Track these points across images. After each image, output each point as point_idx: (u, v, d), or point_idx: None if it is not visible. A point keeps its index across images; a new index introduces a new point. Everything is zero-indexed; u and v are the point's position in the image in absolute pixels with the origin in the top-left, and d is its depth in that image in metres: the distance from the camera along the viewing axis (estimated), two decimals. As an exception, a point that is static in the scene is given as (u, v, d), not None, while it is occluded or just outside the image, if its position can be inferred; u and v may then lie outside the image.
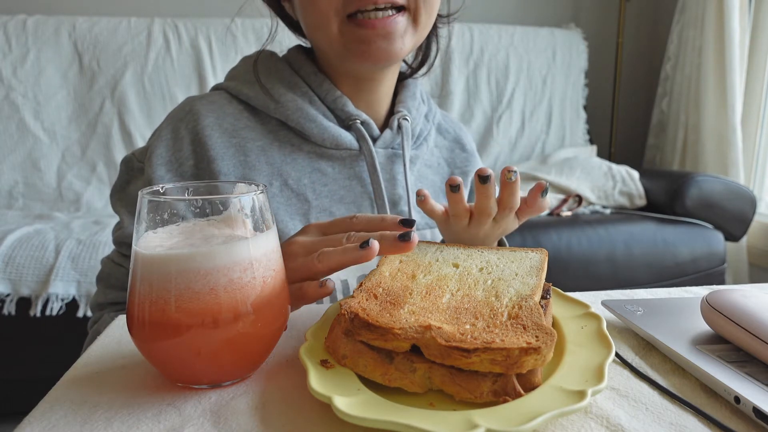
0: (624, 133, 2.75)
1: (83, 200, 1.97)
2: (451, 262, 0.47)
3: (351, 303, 0.38)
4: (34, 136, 1.97)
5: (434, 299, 0.40)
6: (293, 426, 0.33)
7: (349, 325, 0.37)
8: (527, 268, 0.45)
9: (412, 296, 0.41)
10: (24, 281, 1.38)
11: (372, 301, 0.40)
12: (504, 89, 2.43)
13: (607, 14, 2.67)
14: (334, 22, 0.58)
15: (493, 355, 0.32)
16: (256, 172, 0.64)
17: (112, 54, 2.04)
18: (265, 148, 0.66)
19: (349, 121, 0.67)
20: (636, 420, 0.33)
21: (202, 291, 0.34)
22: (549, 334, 0.34)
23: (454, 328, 0.36)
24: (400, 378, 0.35)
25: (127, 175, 0.67)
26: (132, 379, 0.38)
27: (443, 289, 0.42)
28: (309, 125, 0.65)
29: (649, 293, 0.58)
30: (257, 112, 0.67)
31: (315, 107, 0.66)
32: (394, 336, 0.35)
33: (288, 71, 0.68)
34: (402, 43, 0.59)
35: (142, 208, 0.36)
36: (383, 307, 0.39)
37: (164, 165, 0.63)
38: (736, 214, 1.91)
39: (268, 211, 0.39)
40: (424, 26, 0.62)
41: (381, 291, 0.41)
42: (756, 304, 0.41)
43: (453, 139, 0.82)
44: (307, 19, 0.62)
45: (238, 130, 0.65)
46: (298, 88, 0.67)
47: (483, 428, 0.29)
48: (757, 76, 2.16)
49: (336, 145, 0.66)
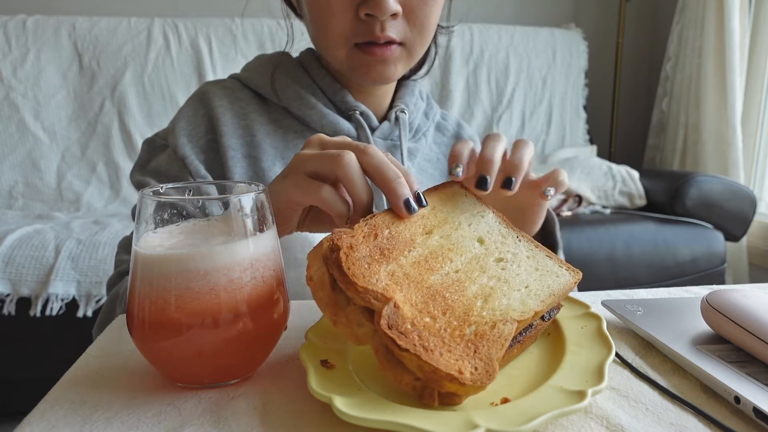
0: (624, 133, 2.75)
1: (83, 200, 1.97)
2: (479, 236, 0.43)
3: (343, 235, 0.37)
4: (34, 136, 1.97)
5: (424, 271, 0.37)
6: (293, 426, 0.33)
7: (327, 253, 0.36)
8: (542, 287, 0.40)
9: (406, 256, 0.38)
10: (24, 281, 1.37)
11: (367, 242, 0.37)
12: (504, 89, 2.43)
13: (607, 14, 2.67)
14: (342, 48, 0.64)
15: (421, 363, 0.31)
16: (260, 152, 0.69)
17: (112, 54, 2.04)
18: (270, 132, 0.71)
19: (348, 111, 0.71)
20: (636, 420, 0.33)
21: (202, 291, 0.34)
22: (488, 375, 0.32)
23: (414, 314, 0.34)
24: (346, 325, 0.35)
25: (149, 154, 0.72)
26: (132, 379, 0.38)
27: (442, 264, 0.39)
28: (309, 112, 0.70)
29: (649, 293, 0.58)
30: (265, 101, 0.73)
31: (316, 97, 0.71)
32: (354, 290, 0.34)
33: (296, 68, 0.73)
34: (395, 68, 0.66)
35: (142, 207, 0.36)
36: (371, 254, 0.37)
37: (186, 136, 0.69)
38: (736, 214, 1.91)
39: (268, 211, 0.39)
40: (417, 55, 0.68)
41: (386, 234, 0.38)
42: (756, 303, 0.41)
43: (452, 136, 0.84)
44: (317, 38, 0.68)
45: (247, 114, 0.71)
46: (302, 81, 0.72)
47: (483, 428, 0.29)
48: (757, 76, 2.16)
49: (334, 132, 0.70)
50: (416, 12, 0.63)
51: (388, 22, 0.61)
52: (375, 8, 0.59)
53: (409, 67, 0.69)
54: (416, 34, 0.64)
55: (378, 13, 0.59)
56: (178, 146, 0.67)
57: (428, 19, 0.64)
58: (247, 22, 2.18)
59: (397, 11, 0.60)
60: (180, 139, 0.68)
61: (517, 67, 2.43)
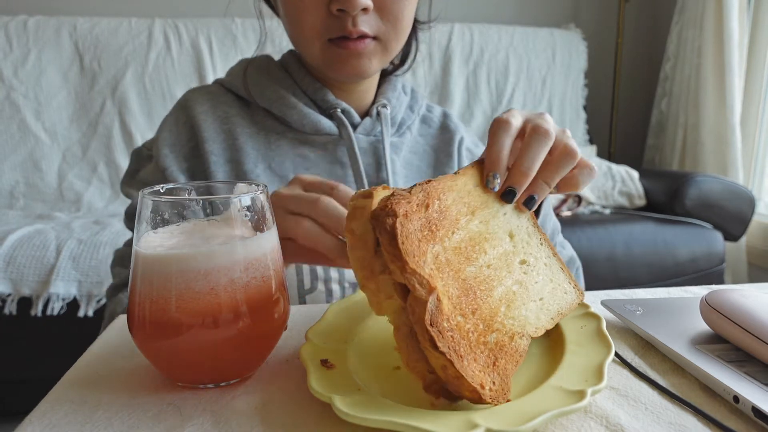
0: (623, 133, 2.75)
1: (84, 200, 1.97)
2: (510, 229, 0.42)
3: (402, 200, 0.34)
4: (35, 136, 1.98)
5: (463, 260, 0.36)
6: (293, 426, 0.33)
7: (379, 214, 0.33)
8: (553, 303, 0.41)
9: (450, 238, 0.36)
10: (25, 281, 1.38)
11: (419, 212, 0.35)
12: (504, 89, 2.43)
13: (607, 14, 2.67)
14: (316, 43, 0.65)
15: (448, 366, 0.31)
16: (243, 155, 0.69)
17: (112, 54, 2.05)
18: (252, 134, 0.71)
19: (330, 110, 0.72)
20: (635, 420, 0.33)
21: (202, 291, 0.34)
22: (504, 393, 0.32)
23: (450, 309, 0.33)
24: (373, 292, 0.34)
25: (137, 164, 0.74)
26: (132, 379, 0.38)
27: (478, 254, 0.38)
28: (289, 112, 0.70)
29: (649, 293, 0.58)
30: (247, 103, 0.74)
31: (296, 97, 0.71)
32: (400, 267, 0.32)
33: (277, 69, 0.74)
34: (370, 62, 0.66)
35: (142, 208, 0.36)
36: (422, 228, 0.35)
37: (168, 146, 0.69)
38: (735, 214, 1.91)
39: (268, 211, 0.39)
40: (394, 50, 0.68)
41: (436, 207, 0.37)
42: (755, 303, 0.41)
43: (438, 127, 0.83)
44: (291, 33, 0.68)
45: (229, 117, 0.72)
46: (282, 81, 0.72)
47: (483, 428, 0.29)
48: (756, 76, 2.16)
49: (316, 130, 0.70)
50: (389, 6, 0.63)
51: (359, 17, 0.62)
52: (345, 3, 0.60)
53: (386, 62, 0.69)
54: (390, 29, 0.65)
55: (348, 8, 0.60)
56: (160, 157, 0.68)
57: (401, 14, 0.64)
58: (247, 22, 2.18)
59: (367, 6, 0.61)
60: (162, 149, 0.69)
61: (517, 67, 2.43)
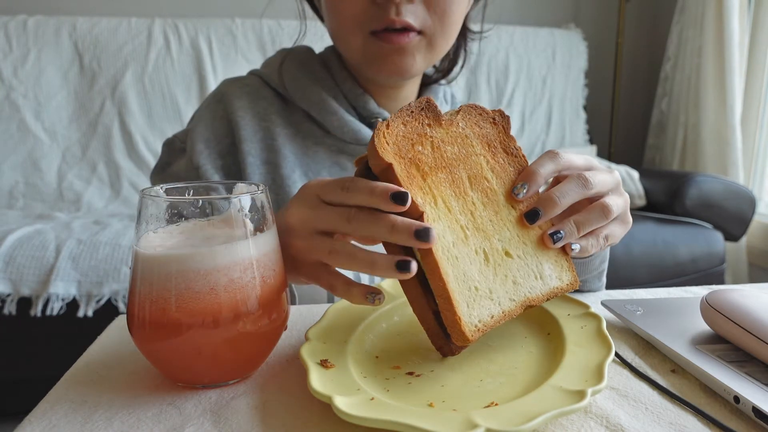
0: (624, 133, 2.75)
1: (83, 200, 1.97)
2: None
3: None
4: (34, 136, 1.98)
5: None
6: (293, 426, 0.33)
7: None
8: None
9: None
10: (24, 281, 1.37)
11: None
12: (504, 89, 2.43)
13: (607, 14, 2.67)
14: (358, 36, 0.61)
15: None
16: (281, 158, 0.66)
17: (112, 54, 2.04)
18: (290, 136, 0.68)
19: (371, 118, 0.68)
20: (636, 420, 0.33)
21: (202, 291, 0.34)
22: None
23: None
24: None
25: (169, 157, 0.70)
26: (132, 379, 0.38)
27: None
28: (330, 118, 0.67)
29: (649, 293, 0.58)
30: (285, 100, 0.70)
31: (338, 102, 0.68)
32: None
33: (318, 66, 0.70)
34: (414, 60, 0.62)
35: (142, 208, 0.36)
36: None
37: (203, 141, 0.66)
38: (736, 214, 1.91)
39: (268, 211, 0.39)
40: (440, 49, 0.64)
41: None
42: (755, 303, 0.41)
43: None
44: (332, 26, 0.65)
45: (269, 114, 0.68)
46: (324, 82, 0.68)
47: (483, 428, 0.29)
48: (756, 76, 2.16)
49: (356, 140, 0.67)
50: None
51: (404, 6, 0.58)
52: None
53: (431, 62, 0.65)
54: (437, 23, 0.61)
55: None
56: (195, 153, 0.65)
57: (450, 8, 0.61)
58: (247, 22, 2.18)
59: None
60: (197, 145, 0.65)
61: (517, 67, 2.43)
